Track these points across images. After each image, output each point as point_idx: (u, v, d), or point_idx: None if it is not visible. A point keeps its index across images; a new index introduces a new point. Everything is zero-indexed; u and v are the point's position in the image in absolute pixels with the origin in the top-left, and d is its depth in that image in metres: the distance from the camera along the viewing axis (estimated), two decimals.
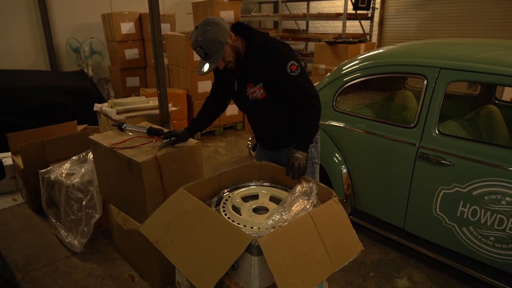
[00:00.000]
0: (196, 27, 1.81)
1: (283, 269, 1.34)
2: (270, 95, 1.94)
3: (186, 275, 1.43)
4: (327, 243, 1.52)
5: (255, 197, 1.86)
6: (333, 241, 1.55)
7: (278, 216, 1.57)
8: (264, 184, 1.97)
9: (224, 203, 1.76)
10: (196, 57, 5.02)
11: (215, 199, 1.82)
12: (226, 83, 2.08)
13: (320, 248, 1.49)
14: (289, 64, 1.83)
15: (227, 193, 1.87)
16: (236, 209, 1.72)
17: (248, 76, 1.95)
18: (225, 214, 1.67)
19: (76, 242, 2.71)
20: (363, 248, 1.63)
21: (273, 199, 1.84)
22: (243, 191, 1.88)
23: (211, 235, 1.48)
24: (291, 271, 1.37)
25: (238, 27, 1.93)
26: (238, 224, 1.59)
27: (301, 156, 1.88)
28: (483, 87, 3.24)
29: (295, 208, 1.61)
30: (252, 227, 1.56)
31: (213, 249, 1.44)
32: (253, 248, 1.39)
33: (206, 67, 1.83)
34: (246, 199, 1.84)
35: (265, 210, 1.74)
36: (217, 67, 1.88)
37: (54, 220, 2.89)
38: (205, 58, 1.83)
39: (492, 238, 2.13)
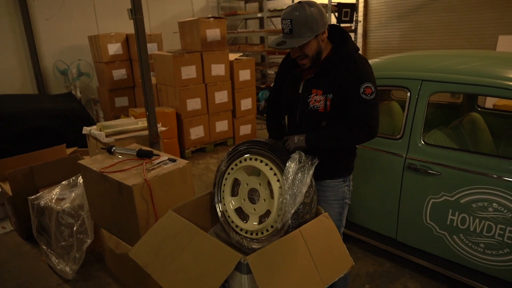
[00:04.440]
0: (299, 2, 1.65)
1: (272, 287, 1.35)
2: (333, 113, 1.76)
3: None
4: (317, 259, 1.52)
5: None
6: (323, 257, 1.55)
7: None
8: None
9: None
10: (185, 75, 5.06)
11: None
12: (288, 83, 1.90)
13: (309, 264, 1.50)
14: (364, 86, 1.67)
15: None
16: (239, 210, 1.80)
17: (321, 81, 1.76)
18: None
19: (67, 268, 2.67)
20: (353, 263, 1.64)
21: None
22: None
23: (201, 255, 1.48)
24: None
25: (331, 29, 1.79)
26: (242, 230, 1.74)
27: (296, 141, 1.73)
28: (466, 95, 3.32)
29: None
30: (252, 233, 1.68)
31: (203, 269, 1.44)
32: (243, 266, 1.40)
33: (284, 42, 1.67)
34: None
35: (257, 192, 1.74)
36: (290, 54, 1.75)
37: (45, 247, 2.84)
38: (287, 34, 1.66)
39: (482, 245, 2.16)
